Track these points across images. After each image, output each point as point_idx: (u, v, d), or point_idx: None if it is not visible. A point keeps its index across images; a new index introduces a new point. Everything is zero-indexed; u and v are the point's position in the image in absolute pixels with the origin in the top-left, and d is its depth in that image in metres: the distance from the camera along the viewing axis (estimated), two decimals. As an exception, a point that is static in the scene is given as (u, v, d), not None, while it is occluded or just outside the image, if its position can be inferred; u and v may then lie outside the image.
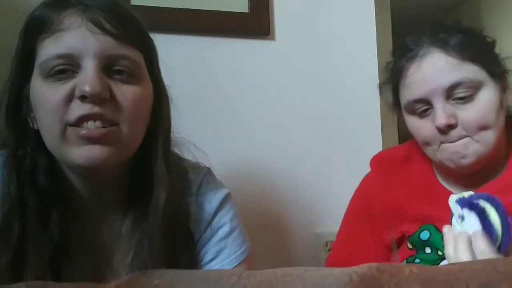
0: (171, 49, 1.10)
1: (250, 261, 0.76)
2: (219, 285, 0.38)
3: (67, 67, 0.60)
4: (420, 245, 0.85)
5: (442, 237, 0.81)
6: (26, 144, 0.64)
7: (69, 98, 0.59)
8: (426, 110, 0.82)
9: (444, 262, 0.79)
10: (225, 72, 1.17)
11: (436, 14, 3.63)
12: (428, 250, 0.84)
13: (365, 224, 0.94)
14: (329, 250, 1.20)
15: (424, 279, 0.38)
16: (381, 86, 0.95)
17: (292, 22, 1.23)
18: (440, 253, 0.81)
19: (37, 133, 0.63)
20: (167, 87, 0.72)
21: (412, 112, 0.84)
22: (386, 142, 1.28)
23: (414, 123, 0.85)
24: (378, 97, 1.28)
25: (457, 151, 0.80)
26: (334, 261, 0.96)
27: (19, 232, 0.61)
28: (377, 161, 0.97)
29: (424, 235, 0.84)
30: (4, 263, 0.60)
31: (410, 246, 0.86)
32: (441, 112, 0.79)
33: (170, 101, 0.72)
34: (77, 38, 0.60)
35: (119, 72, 0.62)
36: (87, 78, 0.59)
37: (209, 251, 0.73)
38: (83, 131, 0.59)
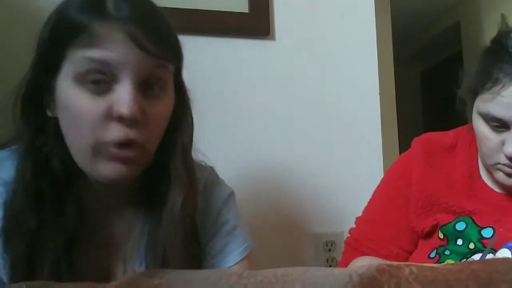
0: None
1: (252, 258, 0.77)
2: (219, 285, 0.38)
3: (102, 77, 0.59)
4: (452, 236, 0.84)
5: (478, 231, 0.81)
6: (43, 133, 0.64)
7: (106, 116, 0.59)
8: (500, 127, 0.79)
9: (474, 257, 0.80)
10: (225, 72, 1.17)
11: (436, 14, 3.64)
12: (460, 241, 0.83)
13: (399, 204, 0.92)
14: (329, 250, 1.20)
15: (424, 279, 0.38)
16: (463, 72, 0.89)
17: (292, 22, 1.23)
18: (471, 246, 0.81)
19: (54, 123, 0.63)
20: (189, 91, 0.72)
21: (486, 121, 0.81)
22: (386, 143, 1.29)
23: (484, 130, 0.82)
24: (378, 97, 1.28)
25: None
26: (361, 237, 0.94)
27: (35, 221, 0.61)
28: (423, 144, 0.93)
29: (460, 226, 0.83)
30: (20, 252, 0.60)
31: (441, 236, 0.86)
32: None
33: (192, 104, 0.72)
34: (117, 51, 0.58)
35: (151, 86, 0.62)
36: (125, 99, 0.58)
37: (213, 249, 0.74)
38: (117, 153, 0.59)
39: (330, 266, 1.21)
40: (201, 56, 1.16)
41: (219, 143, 1.12)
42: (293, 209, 1.19)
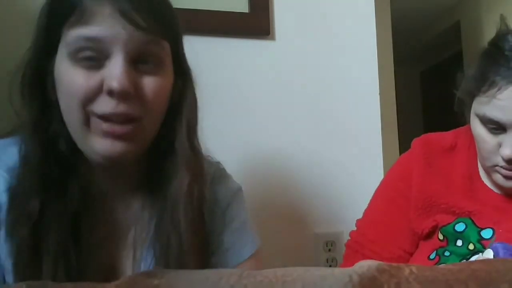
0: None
1: (260, 256, 0.76)
2: (219, 285, 0.38)
3: (95, 55, 0.59)
4: (452, 237, 0.84)
5: (478, 232, 0.81)
6: (48, 115, 0.64)
7: (98, 91, 0.59)
8: (497, 129, 0.79)
9: (474, 257, 0.79)
10: (225, 72, 1.17)
11: (436, 14, 3.64)
12: (459, 242, 0.83)
13: (400, 205, 0.92)
14: (329, 250, 1.20)
15: (424, 279, 0.38)
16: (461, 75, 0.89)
17: (292, 22, 1.23)
18: (471, 247, 0.81)
19: (58, 105, 0.63)
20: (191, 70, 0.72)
21: (483, 123, 0.81)
22: (386, 143, 1.29)
23: (481, 132, 0.82)
24: (378, 97, 1.28)
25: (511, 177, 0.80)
26: (362, 239, 0.94)
27: (39, 204, 0.60)
28: (422, 144, 0.93)
29: (460, 226, 0.83)
30: (25, 236, 0.60)
31: (441, 237, 0.86)
32: None
33: (195, 83, 0.72)
34: (107, 27, 0.59)
35: (144, 61, 0.62)
36: (116, 74, 0.58)
37: (224, 242, 0.73)
38: (107, 127, 0.59)
39: (330, 266, 1.21)
40: (201, 56, 1.15)
41: (218, 143, 1.11)
42: (293, 209, 1.19)
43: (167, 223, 0.66)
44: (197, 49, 1.16)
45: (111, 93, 0.59)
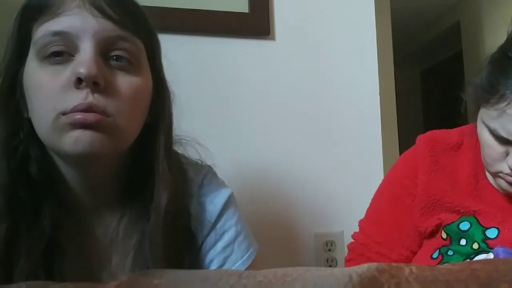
0: (171, 49, 1.10)
1: (257, 264, 0.74)
2: (219, 285, 0.38)
3: (63, 49, 0.57)
4: (456, 236, 0.83)
5: (482, 231, 0.80)
6: (18, 133, 0.61)
7: (66, 86, 0.56)
8: (506, 141, 0.77)
9: (478, 257, 0.79)
10: (225, 72, 1.17)
11: (436, 14, 3.64)
12: (463, 242, 0.82)
13: (407, 204, 0.90)
14: (329, 250, 1.20)
15: (424, 279, 0.38)
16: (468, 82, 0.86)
17: (292, 22, 1.23)
18: (475, 246, 0.81)
19: (29, 122, 0.60)
20: (168, 83, 0.70)
21: (490, 132, 0.79)
22: (386, 143, 1.29)
23: (488, 139, 0.80)
24: (378, 97, 1.28)
25: None
26: (368, 241, 0.92)
27: (9, 227, 0.58)
28: (428, 141, 0.91)
29: (464, 225, 0.82)
30: None
31: (444, 235, 0.85)
32: None
33: (172, 96, 0.69)
34: (75, 18, 0.57)
35: (117, 58, 0.60)
36: (84, 60, 0.56)
37: (215, 260, 0.70)
38: (77, 118, 0.56)
39: (330, 266, 1.21)
40: (201, 56, 1.16)
41: (218, 143, 1.12)
42: (293, 209, 1.19)
43: (147, 244, 0.63)
44: (197, 49, 1.17)
45: (79, 81, 0.56)
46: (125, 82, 0.60)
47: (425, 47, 4.14)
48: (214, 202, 0.72)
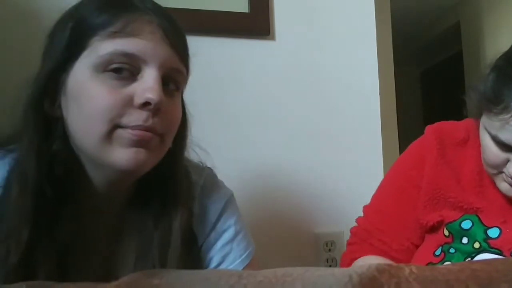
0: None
1: (255, 264, 0.76)
2: (219, 285, 0.38)
3: (126, 67, 0.59)
4: (458, 234, 0.83)
5: (484, 230, 0.80)
6: (50, 134, 0.61)
7: (128, 103, 0.58)
8: (508, 149, 0.77)
9: (479, 256, 0.79)
10: (225, 72, 1.17)
11: (436, 14, 3.64)
12: (465, 240, 0.82)
13: (411, 196, 0.90)
14: (329, 250, 1.20)
15: (424, 279, 0.38)
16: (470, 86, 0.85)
17: (292, 22, 1.23)
18: (476, 245, 0.80)
19: (62, 124, 0.61)
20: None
21: (492, 139, 0.79)
22: (386, 142, 1.29)
23: (489, 145, 0.79)
24: (378, 97, 1.29)
25: None
26: (371, 227, 0.92)
27: (30, 231, 0.58)
28: (437, 133, 0.91)
29: (466, 224, 0.82)
30: (13, 263, 0.57)
31: (446, 233, 0.85)
32: None
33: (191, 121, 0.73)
34: (148, 44, 0.59)
35: (167, 83, 0.63)
36: (152, 86, 0.59)
37: (214, 257, 0.72)
38: (134, 134, 0.58)
39: (330, 266, 1.21)
40: (201, 56, 1.15)
41: (218, 143, 1.12)
42: (293, 209, 1.19)
43: (157, 247, 0.65)
44: (197, 49, 1.17)
45: (146, 105, 0.58)
46: (174, 106, 0.65)
47: (425, 47, 4.15)
48: (215, 203, 0.74)
